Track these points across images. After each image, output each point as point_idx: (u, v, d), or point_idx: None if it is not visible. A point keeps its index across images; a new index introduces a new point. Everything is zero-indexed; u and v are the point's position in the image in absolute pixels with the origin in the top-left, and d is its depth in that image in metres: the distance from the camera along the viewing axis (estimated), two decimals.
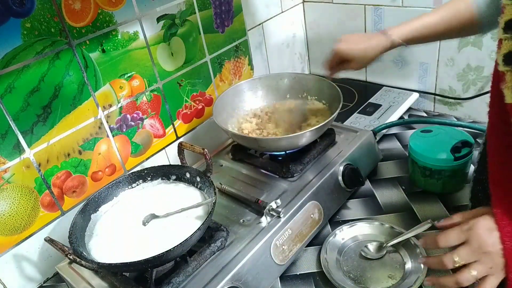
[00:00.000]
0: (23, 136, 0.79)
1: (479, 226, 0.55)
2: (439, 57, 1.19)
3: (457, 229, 0.57)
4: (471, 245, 0.54)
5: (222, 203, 0.87)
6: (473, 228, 0.55)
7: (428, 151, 0.88)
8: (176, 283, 0.69)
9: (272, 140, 0.92)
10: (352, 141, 0.98)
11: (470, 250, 0.54)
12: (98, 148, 0.92)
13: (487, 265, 0.54)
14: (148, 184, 0.87)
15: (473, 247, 0.54)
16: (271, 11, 1.29)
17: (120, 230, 0.76)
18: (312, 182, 0.87)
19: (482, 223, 0.55)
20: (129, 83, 0.94)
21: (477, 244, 0.54)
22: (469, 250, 0.54)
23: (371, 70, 1.37)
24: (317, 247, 0.84)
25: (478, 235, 0.54)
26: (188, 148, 0.84)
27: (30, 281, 0.88)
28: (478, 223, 0.55)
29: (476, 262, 0.54)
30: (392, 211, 0.89)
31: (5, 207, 0.80)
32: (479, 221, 0.55)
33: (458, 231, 0.56)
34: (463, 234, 0.56)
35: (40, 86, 0.79)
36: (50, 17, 0.78)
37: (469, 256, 0.54)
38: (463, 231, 0.56)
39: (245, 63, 1.24)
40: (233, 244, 0.76)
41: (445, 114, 1.23)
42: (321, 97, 1.05)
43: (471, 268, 0.54)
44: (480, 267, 0.54)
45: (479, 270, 0.54)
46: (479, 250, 0.54)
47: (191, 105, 1.11)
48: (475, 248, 0.54)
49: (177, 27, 1.01)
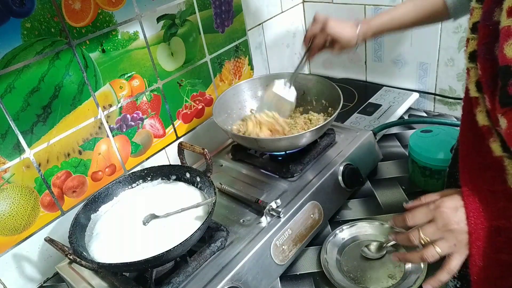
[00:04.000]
0: (23, 136, 0.79)
1: (445, 205, 0.57)
2: (439, 57, 1.19)
3: (424, 208, 0.59)
4: (436, 223, 0.57)
5: (222, 203, 0.87)
6: (440, 207, 0.57)
7: (428, 151, 0.88)
8: (176, 283, 0.69)
9: (272, 140, 0.92)
10: (352, 141, 0.98)
11: (435, 227, 0.57)
12: (98, 148, 0.92)
13: (451, 242, 0.56)
14: (148, 184, 0.87)
15: (439, 224, 0.57)
16: (271, 11, 1.29)
17: (120, 230, 0.76)
18: (312, 182, 0.87)
19: (449, 202, 0.57)
20: (129, 83, 0.94)
21: (442, 222, 0.56)
22: (435, 227, 0.57)
23: (371, 70, 1.37)
24: (317, 247, 0.84)
25: (444, 213, 0.56)
26: (188, 148, 0.84)
27: (30, 281, 0.88)
28: (445, 202, 0.57)
29: (440, 239, 0.57)
30: (392, 211, 0.89)
31: (5, 207, 0.80)
32: (445, 200, 0.58)
33: (425, 210, 0.59)
34: (430, 213, 0.58)
35: (40, 86, 0.79)
36: (50, 17, 0.78)
37: (434, 233, 0.57)
38: (430, 210, 0.58)
39: (245, 63, 1.24)
40: (233, 244, 0.76)
41: (445, 114, 1.23)
42: (321, 97, 1.05)
43: (436, 245, 0.57)
44: (445, 244, 0.56)
45: (443, 247, 0.56)
46: (444, 228, 0.56)
47: (191, 105, 1.11)
48: (440, 225, 0.57)
49: (177, 27, 1.01)
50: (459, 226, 0.55)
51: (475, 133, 0.55)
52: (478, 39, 0.51)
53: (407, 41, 1.23)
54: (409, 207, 0.63)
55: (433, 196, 0.61)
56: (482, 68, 0.51)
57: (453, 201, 0.57)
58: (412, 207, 0.62)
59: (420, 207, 0.60)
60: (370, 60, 1.35)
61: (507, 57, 0.45)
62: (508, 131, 0.47)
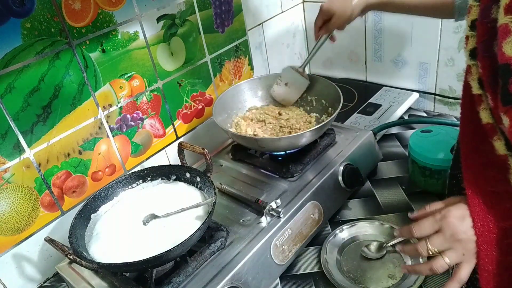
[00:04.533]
0: (23, 136, 0.79)
1: (451, 215, 0.57)
2: (439, 57, 1.19)
3: (430, 219, 0.59)
4: (444, 234, 0.56)
5: (222, 203, 0.87)
6: (446, 217, 0.57)
7: (428, 151, 0.88)
8: (176, 283, 0.69)
9: (272, 140, 0.92)
10: (352, 141, 0.98)
11: (443, 238, 0.56)
12: (98, 148, 0.92)
13: (459, 252, 0.56)
14: (148, 184, 0.87)
15: (446, 235, 0.56)
16: (271, 11, 1.29)
17: (120, 230, 0.76)
18: (312, 182, 0.87)
19: (454, 211, 0.57)
20: (129, 83, 0.94)
21: (450, 232, 0.56)
22: (442, 238, 0.57)
23: (371, 70, 1.37)
24: (317, 247, 0.84)
25: (451, 224, 0.56)
26: (188, 148, 0.84)
27: (30, 281, 0.88)
28: (450, 212, 0.57)
29: (449, 250, 0.56)
30: (392, 211, 0.89)
31: (5, 207, 0.80)
32: (451, 210, 0.57)
33: (432, 220, 0.58)
34: (436, 223, 0.58)
35: (40, 86, 0.79)
36: (50, 17, 0.78)
37: (442, 244, 0.57)
38: (436, 220, 0.58)
39: (245, 63, 1.24)
40: (233, 244, 0.76)
41: (445, 114, 1.23)
42: (321, 97, 1.05)
43: (444, 255, 0.56)
44: (453, 255, 0.56)
45: (452, 257, 0.56)
46: (451, 238, 0.56)
47: (191, 105, 1.11)
48: (447, 236, 0.56)
49: (177, 27, 1.01)
50: (466, 235, 0.55)
51: (476, 132, 0.55)
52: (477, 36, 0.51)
53: (407, 41, 1.23)
54: (415, 217, 0.62)
55: (438, 205, 0.60)
56: (482, 66, 0.51)
57: (459, 210, 0.56)
58: (417, 217, 0.61)
59: (426, 218, 0.59)
60: (370, 60, 1.35)
61: (506, 55, 0.45)
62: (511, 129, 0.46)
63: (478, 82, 0.52)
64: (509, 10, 0.45)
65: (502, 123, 0.48)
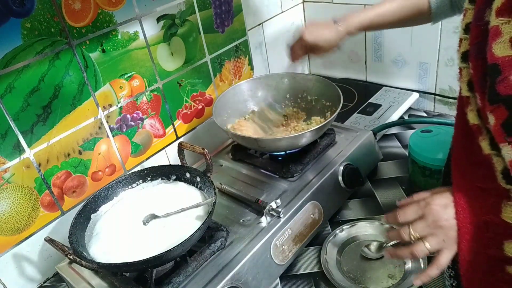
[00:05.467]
0: (23, 136, 0.79)
1: (435, 202, 0.58)
2: (439, 57, 1.19)
3: (415, 205, 0.60)
4: (426, 220, 0.58)
5: (222, 203, 0.87)
6: (429, 204, 0.58)
7: (428, 151, 0.88)
8: (176, 283, 0.69)
9: (272, 140, 0.92)
10: (352, 141, 0.98)
11: (425, 224, 0.58)
12: (98, 148, 0.92)
13: (440, 238, 0.57)
14: (148, 184, 0.87)
15: (428, 221, 0.58)
16: (271, 11, 1.29)
17: (120, 230, 0.76)
18: (312, 182, 0.87)
19: (438, 200, 0.58)
20: (129, 83, 0.94)
21: (432, 219, 0.57)
22: (424, 224, 0.58)
23: (371, 70, 1.37)
24: (317, 247, 0.84)
25: (434, 210, 0.58)
26: (188, 148, 0.84)
27: (30, 281, 0.88)
28: (435, 199, 0.59)
29: (430, 235, 0.58)
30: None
31: (5, 207, 0.80)
32: (435, 198, 0.59)
33: (416, 207, 0.60)
34: (420, 210, 0.59)
35: (40, 86, 0.79)
36: (50, 17, 0.78)
37: (424, 229, 0.58)
38: (420, 207, 0.59)
39: (245, 63, 1.24)
40: (233, 244, 0.76)
41: (445, 114, 1.23)
42: (321, 97, 1.05)
43: (426, 240, 0.58)
44: (434, 240, 0.57)
45: (433, 243, 0.57)
46: (433, 224, 0.57)
47: (191, 105, 1.11)
48: (429, 222, 0.58)
49: (177, 27, 1.01)
50: (448, 222, 0.56)
51: (466, 132, 0.56)
52: (470, 39, 0.52)
53: (407, 41, 1.23)
54: (401, 204, 0.64)
55: (424, 194, 0.62)
56: (473, 67, 0.52)
57: (443, 198, 0.58)
58: (404, 204, 0.63)
59: (411, 204, 0.61)
60: (370, 60, 1.35)
61: (495, 55, 0.46)
62: (496, 127, 0.48)
63: (467, 84, 0.54)
64: (500, 12, 0.46)
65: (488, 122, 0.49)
